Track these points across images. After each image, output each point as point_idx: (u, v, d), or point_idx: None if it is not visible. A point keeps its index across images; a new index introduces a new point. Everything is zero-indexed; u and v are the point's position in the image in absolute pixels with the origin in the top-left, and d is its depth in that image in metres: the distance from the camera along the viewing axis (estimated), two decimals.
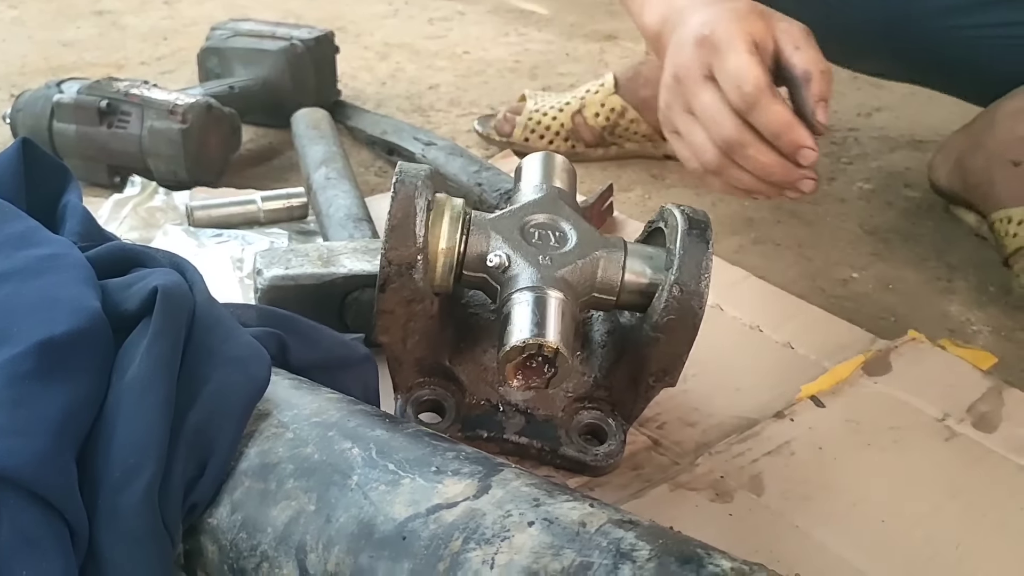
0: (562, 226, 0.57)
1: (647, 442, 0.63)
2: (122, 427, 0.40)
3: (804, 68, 0.66)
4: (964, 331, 0.83)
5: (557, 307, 0.52)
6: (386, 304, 0.55)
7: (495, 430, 0.59)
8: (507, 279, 0.54)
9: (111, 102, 0.96)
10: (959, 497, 0.58)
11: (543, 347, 0.50)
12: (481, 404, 0.60)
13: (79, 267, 0.46)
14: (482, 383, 0.60)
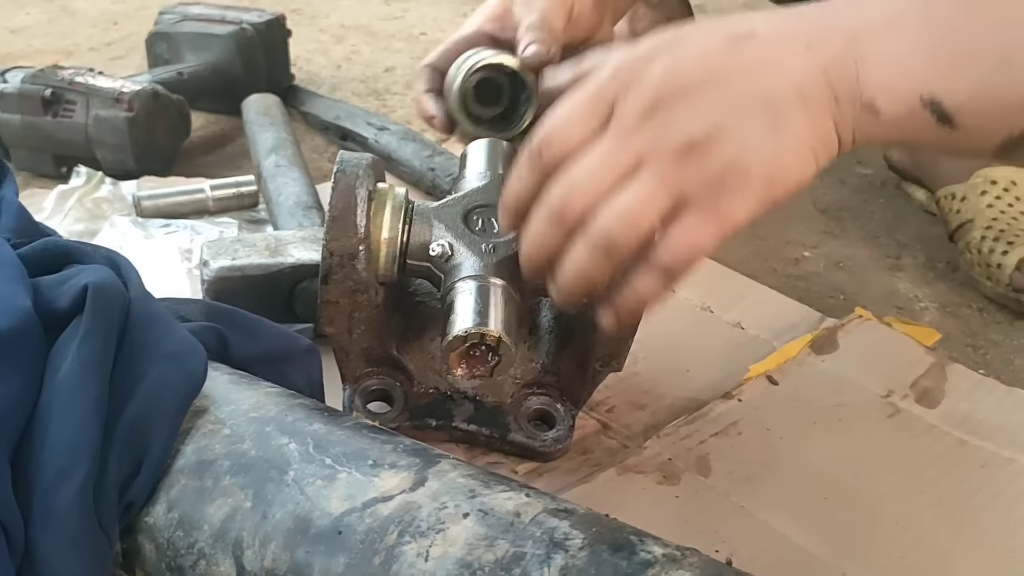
0: None
1: (596, 426, 0.63)
2: (55, 427, 0.40)
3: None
4: (912, 308, 0.84)
5: (500, 296, 0.52)
6: (330, 295, 0.55)
7: (444, 418, 0.60)
8: (450, 268, 0.54)
9: (55, 91, 0.95)
10: (900, 472, 0.59)
11: (485, 336, 0.50)
12: (429, 392, 0.60)
13: (10, 265, 0.45)
14: (430, 371, 0.60)
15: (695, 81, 0.43)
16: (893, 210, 1.01)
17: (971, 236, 0.86)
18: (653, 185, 0.43)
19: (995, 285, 0.82)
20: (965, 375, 0.69)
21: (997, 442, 0.62)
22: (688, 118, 0.43)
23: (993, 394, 0.67)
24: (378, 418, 0.58)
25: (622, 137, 0.43)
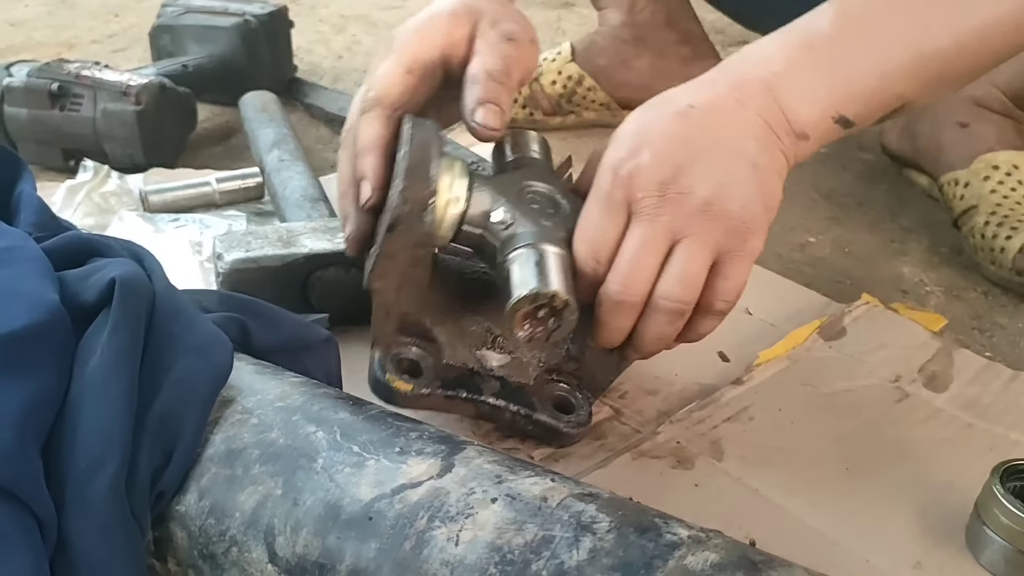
0: (556, 197, 0.58)
1: (609, 412, 0.64)
2: (86, 419, 0.41)
3: (472, 72, 0.57)
4: (917, 292, 0.85)
5: (565, 264, 0.53)
6: (391, 247, 0.55)
7: (474, 391, 0.60)
8: (508, 236, 0.55)
9: (62, 85, 0.95)
10: (911, 455, 0.60)
11: (554, 298, 0.51)
12: (457, 367, 0.61)
13: (36, 259, 0.46)
14: (461, 347, 0.61)
15: (682, 156, 0.51)
16: (896, 195, 1.01)
17: (975, 221, 0.87)
18: (695, 247, 0.52)
19: (999, 269, 0.83)
20: (972, 360, 0.70)
21: (1004, 425, 0.63)
22: (695, 186, 0.51)
23: (999, 378, 0.68)
24: (412, 382, 0.58)
25: (651, 222, 0.51)
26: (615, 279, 0.52)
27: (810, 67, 0.54)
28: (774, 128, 0.53)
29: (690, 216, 0.51)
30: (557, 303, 0.52)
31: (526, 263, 0.53)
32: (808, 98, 0.54)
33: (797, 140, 0.54)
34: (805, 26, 0.56)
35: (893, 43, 0.55)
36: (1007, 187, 0.88)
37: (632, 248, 0.52)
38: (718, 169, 0.52)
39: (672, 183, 0.51)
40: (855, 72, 0.55)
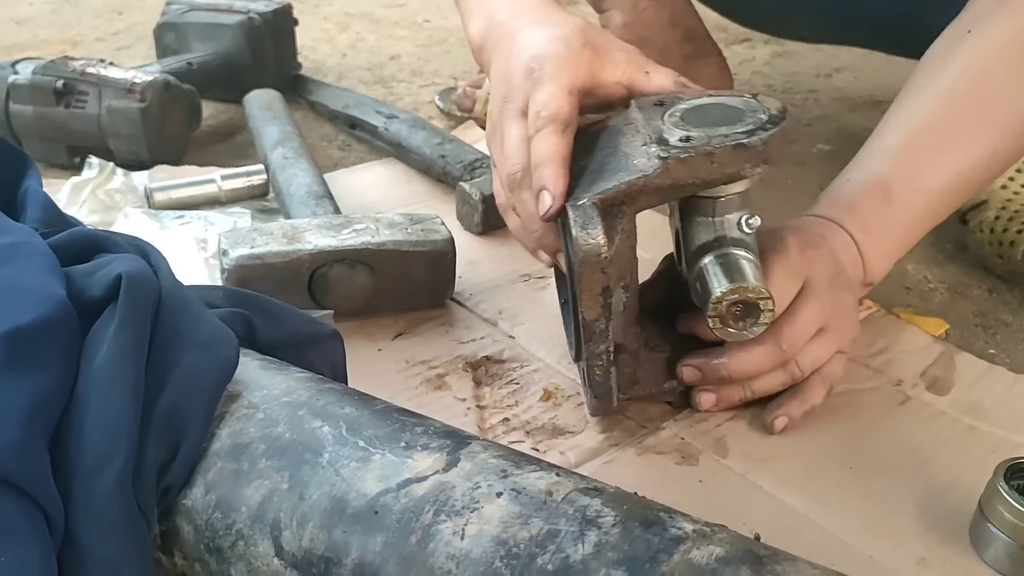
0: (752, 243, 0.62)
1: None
2: (93, 414, 0.41)
3: (659, 86, 0.61)
4: (921, 289, 0.84)
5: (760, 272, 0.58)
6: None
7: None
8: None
9: (67, 82, 0.95)
10: (914, 456, 0.60)
11: (756, 291, 0.56)
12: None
13: (42, 255, 0.46)
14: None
15: (833, 269, 0.63)
16: None
17: (984, 216, 0.86)
18: (833, 340, 0.63)
19: (1006, 263, 0.83)
20: (974, 363, 0.70)
21: (1006, 427, 0.63)
22: (841, 296, 0.63)
23: (1001, 381, 0.68)
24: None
25: (823, 301, 0.62)
26: (788, 333, 0.60)
27: (886, 228, 0.67)
28: (857, 277, 0.66)
29: (838, 313, 0.63)
30: (759, 298, 0.56)
31: (731, 264, 0.57)
32: (885, 256, 0.68)
33: (865, 287, 0.68)
34: (879, 174, 0.67)
35: (943, 195, 0.68)
36: (1018, 183, 0.88)
37: (807, 316, 0.61)
38: (851, 288, 0.65)
39: (835, 279, 0.63)
40: (916, 226, 0.68)
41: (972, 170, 0.68)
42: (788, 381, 0.62)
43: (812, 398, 0.63)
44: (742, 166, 0.55)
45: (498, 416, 0.64)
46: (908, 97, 0.70)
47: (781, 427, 0.62)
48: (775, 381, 0.62)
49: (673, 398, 0.65)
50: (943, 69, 0.69)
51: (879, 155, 0.68)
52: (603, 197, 0.55)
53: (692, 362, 0.62)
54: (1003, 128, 0.68)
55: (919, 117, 0.69)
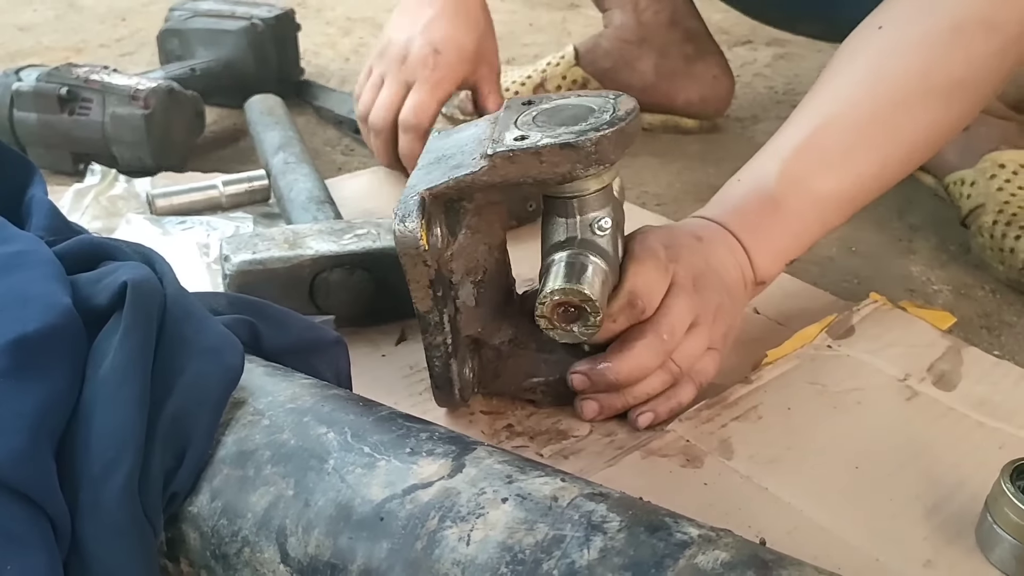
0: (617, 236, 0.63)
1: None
2: (99, 421, 0.41)
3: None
4: (925, 291, 0.84)
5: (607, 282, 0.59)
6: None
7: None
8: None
9: (71, 89, 0.96)
10: (922, 455, 0.60)
11: (589, 302, 0.56)
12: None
13: (48, 263, 0.46)
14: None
15: (703, 265, 0.64)
16: (903, 194, 1.01)
17: (983, 220, 0.86)
18: (704, 335, 0.63)
19: (1008, 270, 0.83)
20: (981, 358, 0.69)
21: (1014, 424, 0.63)
22: (712, 289, 0.63)
23: (1009, 376, 0.68)
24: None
25: (690, 297, 0.62)
26: (666, 325, 0.61)
27: (773, 230, 0.68)
28: (745, 279, 0.67)
29: (708, 310, 0.63)
30: (582, 301, 0.55)
31: (573, 265, 0.57)
32: (774, 258, 0.69)
33: (756, 286, 0.69)
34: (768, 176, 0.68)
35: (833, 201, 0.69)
36: (1014, 185, 0.88)
37: (680, 309, 0.61)
38: (722, 294, 0.64)
39: (700, 278, 0.63)
40: (807, 229, 0.69)
41: (866, 176, 0.69)
42: (668, 380, 0.62)
43: (680, 395, 0.63)
44: (573, 166, 0.55)
45: (502, 422, 0.64)
46: (812, 96, 0.71)
47: (646, 423, 0.62)
48: (656, 382, 0.62)
49: (535, 396, 0.65)
50: (848, 67, 0.70)
51: (771, 157, 0.69)
52: (432, 192, 0.56)
53: (579, 368, 0.62)
54: (898, 133, 0.68)
55: (815, 119, 0.69)
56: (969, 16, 0.66)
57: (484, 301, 0.62)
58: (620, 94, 0.60)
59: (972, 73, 0.67)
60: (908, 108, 0.68)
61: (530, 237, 0.68)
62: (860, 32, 0.71)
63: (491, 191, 0.59)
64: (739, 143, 1.15)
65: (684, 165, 1.09)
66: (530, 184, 0.57)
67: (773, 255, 0.68)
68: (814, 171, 0.68)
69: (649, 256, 0.61)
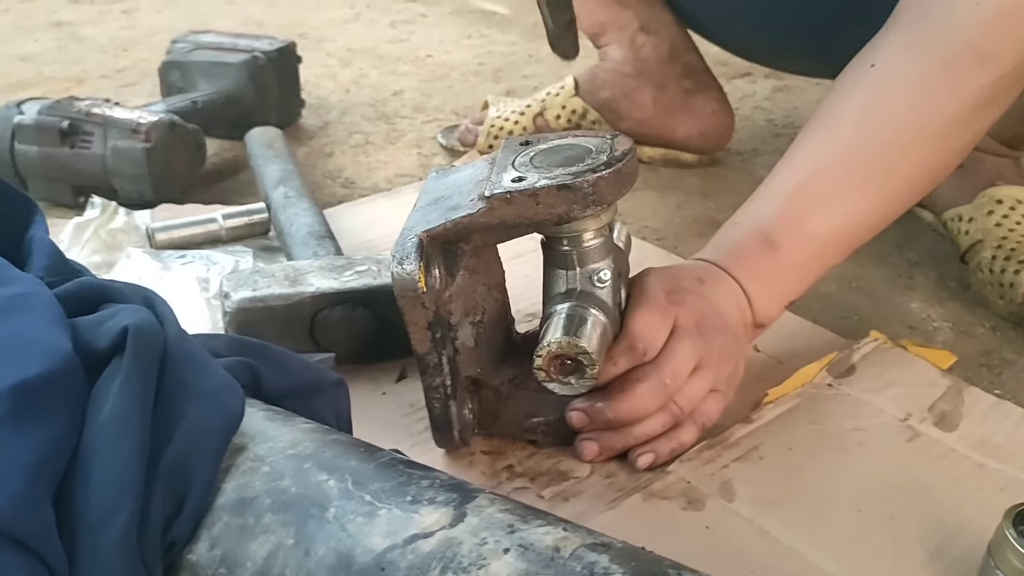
0: (620, 286, 0.63)
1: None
2: (98, 468, 0.40)
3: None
4: (925, 328, 0.84)
5: (605, 333, 0.59)
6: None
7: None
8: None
9: (73, 122, 0.96)
10: (924, 497, 0.60)
11: (585, 355, 0.57)
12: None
13: (49, 306, 0.46)
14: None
15: (706, 307, 0.64)
16: (902, 229, 1.01)
17: (982, 256, 0.87)
18: (708, 377, 0.63)
19: (1008, 304, 0.83)
20: (981, 398, 0.69)
21: (1015, 465, 0.63)
22: (717, 332, 0.63)
23: (1010, 417, 0.68)
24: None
25: (694, 340, 0.62)
26: (669, 368, 0.60)
27: (771, 273, 0.68)
28: (745, 321, 0.67)
29: (712, 352, 0.62)
30: (578, 354, 0.55)
31: (572, 318, 0.57)
32: (773, 300, 0.69)
33: (756, 329, 0.69)
34: (764, 219, 0.68)
35: (829, 242, 0.69)
36: (1012, 220, 0.88)
37: (683, 352, 0.61)
38: (727, 329, 0.64)
39: (704, 320, 0.63)
40: (804, 271, 0.70)
41: (862, 216, 0.69)
42: (669, 422, 0.62)
43: (682, 436, 0.63)
44: (570, 207, 0.55)
45: (503, 462, 0.63)
46: (805, 136, 0.71)
47: (646, 464, 0.62)
48: (657, 423, 0.62)
49: (535, 436, 0.65)
50: (841, 105, 0.70)
51: (767, 199, 0.69)
52: (429, 234, 0.56)
53: (578, 405, 0.61)
54: (894, 172, 0.68)
55: (810, 160, 0.69)
56: (961, 49, 0.66)
57: (483, 342, 0.62)
58: (617, 134, 0.60)
59: (966, 107, 0.67)
60: (903, 147, 0.68)
61: (528, 273, 0.68)
62: (852, 70, 0.71)
63: (488, 232, 0.59)
64: (739, 176, 1.16)
65: (684, 199, 1.09)
66: (527, 226, 0.57)
67: (772, 297, 0.69)
68: (810, 213, 0.68)
69: (651, 299, 0.62)
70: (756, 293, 0.68)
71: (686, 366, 0.61)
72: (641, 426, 0.62)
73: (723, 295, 0.66)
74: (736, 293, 0.67)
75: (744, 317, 0.67)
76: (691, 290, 0.65)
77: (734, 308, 0.67)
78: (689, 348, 0.61)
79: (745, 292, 0.67)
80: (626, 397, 0.60)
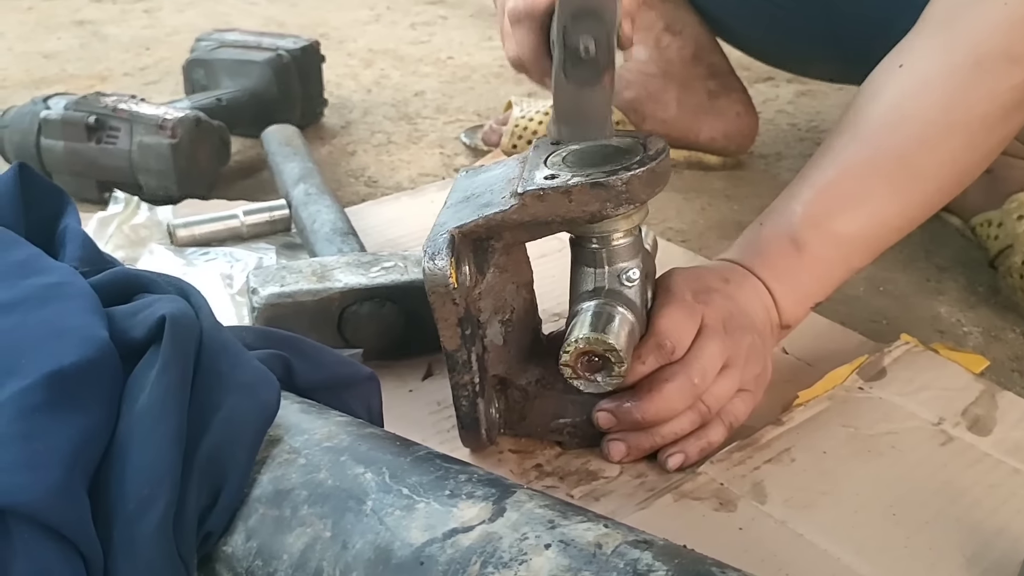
0: (647, 287, 0.63)
1: None
2: (135, 458, 0.40)
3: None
4: (955, 332, 0.84)
5: (633, 331, 0.59)
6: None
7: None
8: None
9: (99, 117, 0.96)
10: (959, 501, 0.59)
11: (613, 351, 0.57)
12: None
13: (84, 295, 0.46)
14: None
15: (732, 308, 0.63)
16: (929, 234, 1.00)
17: (1012, 261, 0.86)
18: (736, 377, 0.62)
19: None
20: (1015, 402, 0.68)
21: None
22: (741, 337, 0.62)
23: None
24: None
25: (722, 339, 0.61)
26: (697, 367, 0.60)
27: (797, 273, 0.67)
28: (772, 321, 0.67)
29: (739, 352, 0.62)
30: (606, 350, 0.55)
31: (599, 315, 0.57)
32: (799, 301, 0.68)
33: (782, 329, 0.69)
34: (790, 219, 0.67)
35: (856, 243, 0.68)
36: None
37: (711, 351, 0.61)
38: (753, 328, 0.64)
39: (730, 320, 0.62)
40: (830, 272, 0.69)
41: (889, 217, 0.68)
42: (697, 421, 0.61)
43: (711, 435, 0.62)
44: (603, 205, 0.55)
45: (531, 461, 0.63)
46: (833, 136, 0.70)
47: (676, 464, 0.61)
48: (685, 422, 0.61)
49: (562, 437, 0.64)
50: (870, 107, 0.69)
51: (793, 199, 0.69)
52: (461, 230, 0.56)
53: (605, 406, 0.61)
54: (922, 173, 0.67)
55: (837, 161, 0.69)
56: (990, 50, 0.66)
57: (512, 340, 0.62)
58: (650, 134, 0.59)
59: (996, 108, 0.67)
60: (931, 148, 0.67)
61: (554, 272, 0.68)
62: (881, 71, 0.70)
63: (520, 230, 0.58)
64: (763, 180, 1.15)
65: (708, 201, 1.09)
66: (559, 223, 0.57)
67: (797, 298, 0.68)
68: (836, 213, 0.67)
69: (677, 298, 0.61)
70: (782, 294, 0.67)
71: (714, 365, 0.61)
72: (669, 426, 0.61)
73: (749, 295, 0.66)
74: (762, 293, 0.67)
75: (770, 317, 0.67)
76: (717, 289, 0.64)
77: (760, 308, 0.66)
78: (717, 347, 0.61)
79: (771, 292, 0.67)
80: (654, 397, 0.60)
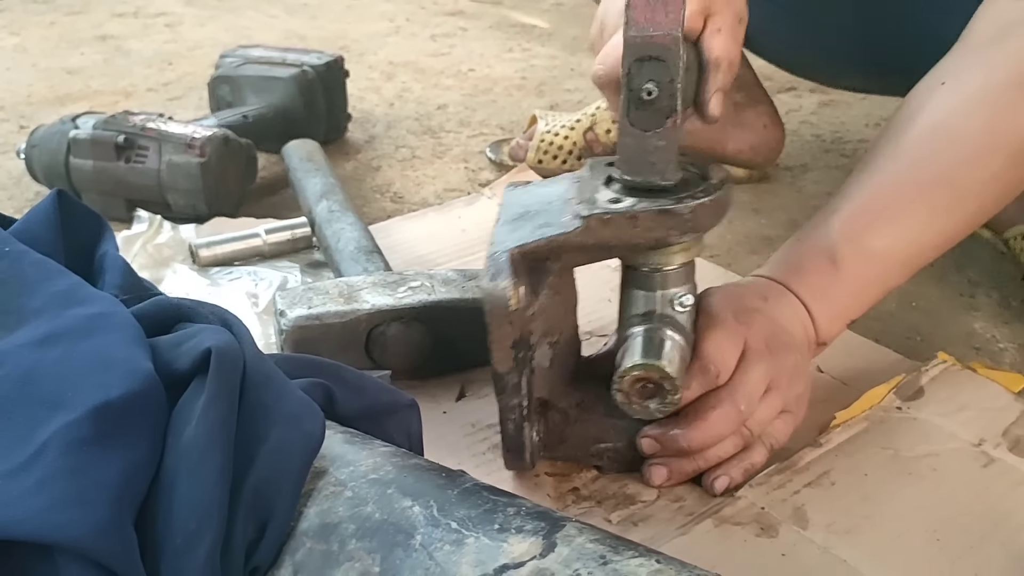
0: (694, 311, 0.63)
1: None
2: (182, 492, 0.40)
3: (716, 56, 0.60)
4: (990, 348, 0.83)
5: (684, 356, 0.59)
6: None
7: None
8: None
9: (128, 137, 0.96)
10: (1003, 526, 0.58)
11: (667, 378, 0.56)
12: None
13: (128, 326, 0.46)
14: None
15: (772, 328, 0.63)
16: (960, 247, 0.98)
17: None
18: (779, 398, 0.62)
19: None
20: None
21: None
22: (784, 357, 0.62)
23: None
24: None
25: (766, 363, 0.61)
26: (742, 393, 0.60)
27: (833, 291, 0.66)
28: (808, 338, 0.66)
29: (783, 373, 0.62)
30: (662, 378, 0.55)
31: (651, 340, 0.57)
32: (835, 318, 0.67)
33: (818, 347, 0.68)
34: (827, 236, 0.67)
35: (893, 261, 0.67)
36: None
37: (756, 375, 0.60)
38: (794, 347, 0.64)
39: (772, 340, 0.62)
40: (866, 290, 0.68)
41: (928, 235, 0.68)
42: (740, 445, 0.61)
43: (753, 457, 0.62)
44: (668, 232, 0.54)
45: (568, 484, 0.62)
46: (873, 153, 0.70)
47: (722, 488, 0.61)
48: (729, 446, 0.61)
49: (601, 462, 0.63)
50: (910, 124, 0.68)
51: (831, 215, 0.68)
52: (522, 250, 0.55)
53: (650, 432, 0.60)
54: (963, 192, 0.67)
55: (876, 177, 0.68)
56: None
57: (557, 363, 0.61)
58: (710, 163, 0.59)
59: None
60: (973, 167, 0.67)
61: (583, 291, 0.67)
62: (922, 88, 0.70)
63: (578, 253, 0.58)
64: (789, 193, 1.14)
65: (735, 215, 1.08)
66: (620, 248, 0.57)
67: (834, 315, 0.67)
68: (874, 231, 0.67)
69: (719, 321, 0.61)
70: (818, 311, 0.66)
71: (758, 389, 0.60)
72: (713, 450, 0.61)
73: (787, 313, 0.65)
74: (799, 311, 0.66)
75: (808, 335, 0.66)
76: (757, 309, 0.64)
77: (799, 326, 0.66)
78: (762, 371, 0.60)
79: (808, 309, 0.66)
80: (700, 425, 0.59)
